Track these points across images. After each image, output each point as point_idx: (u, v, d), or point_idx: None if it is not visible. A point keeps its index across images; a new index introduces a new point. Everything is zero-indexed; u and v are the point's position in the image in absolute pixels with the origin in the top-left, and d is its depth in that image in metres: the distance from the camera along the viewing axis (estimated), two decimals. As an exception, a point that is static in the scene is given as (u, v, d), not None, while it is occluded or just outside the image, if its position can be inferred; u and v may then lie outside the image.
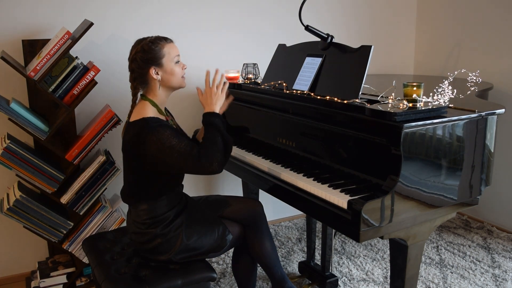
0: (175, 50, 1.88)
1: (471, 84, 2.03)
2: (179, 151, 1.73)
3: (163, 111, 1.92)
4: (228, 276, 2.70)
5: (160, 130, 1.74)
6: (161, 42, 1.86)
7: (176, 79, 1.89)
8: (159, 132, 1.73)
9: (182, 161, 1.73)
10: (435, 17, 3.66)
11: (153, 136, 1.73)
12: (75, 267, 2.62)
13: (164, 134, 1.73)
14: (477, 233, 3.24)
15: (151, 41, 1.85)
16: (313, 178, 1.89)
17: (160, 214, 1.86)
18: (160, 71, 1.85)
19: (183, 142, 1.75)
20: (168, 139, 1.73)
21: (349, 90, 1.94)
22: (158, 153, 1.74)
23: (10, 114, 2.28)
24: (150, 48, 1.83)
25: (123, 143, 1.86)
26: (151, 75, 1.84)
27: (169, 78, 1.87)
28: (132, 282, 1.76)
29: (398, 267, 1.83)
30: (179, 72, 1.89)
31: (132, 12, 2.80)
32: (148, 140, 1.73)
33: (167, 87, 1.89)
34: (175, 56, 1.87)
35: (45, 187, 2.41)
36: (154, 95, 1.88)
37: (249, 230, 2.05)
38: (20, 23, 2.54)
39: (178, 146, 1.73)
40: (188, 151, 1.73)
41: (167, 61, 1.85)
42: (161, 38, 1.88)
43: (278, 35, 3.23)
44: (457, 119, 1.74)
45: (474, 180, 1.86)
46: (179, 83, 1.91)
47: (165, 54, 1.84)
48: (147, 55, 1.83)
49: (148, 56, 1.83)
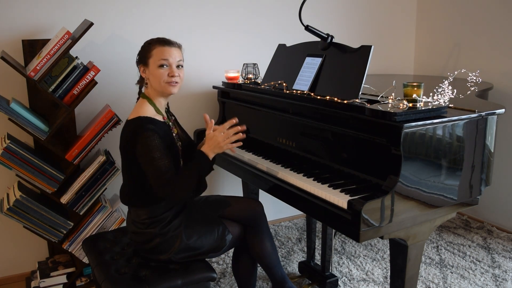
0: (165, 54, 1.84)
1: (471, 84, 2.03)
2: (155, 166, 1.72)
3: (161, 110, 1.91)
4: (228, 276, 2.70)
5: (151, 136, 1.73)
6: (155, 43, 1.86)
7: (157, 82, 1.84)
8: (149, 138, 1.73)
9: (151, 176, 1.74)
10: (435, 17, 3.66)
11: (142, 138, 1.73)
12: (75, 267, 2.62)
13: (153, 142, 1.73)
14: (477, 233, 3.24)
15: (149, 41, 1.90)
16: (313, 178, 1.89)
17: (159, 214, 1.86)
18: (147, 70, 1.87)
19: (164, 160, 1.73)
20: (153, 148, 1.72)
21: (349, 90, 1.94)
22: (140, 156, 1.76)
23: (10, 114, 2.28)
24: (144, 46, 1.90)
25: (120, 142, 1.87)
26: (141, 73, 1.91)
27: (152, 79, 1.86)
28: (132, 282, 1.76)
29: (398, 267, 1.83)
30: (159, 76, 1.83)
31: (132, 12, 2.80)
32: (138, 139, 1.74)
33: (153, 88, 1.89)
34: (160, 60, 1.83)
35: (45, 187, 2.41)
36: (150, 94, 1.90)
37: (249, 230, 2.05)
38: (20, 23, 2.54)
39: (157, 161, 1.72)
40: (163, 172, 1.72)
41: (152, 62, 1.85)
42: (160, 40, 1.88)
43: (278, 35, 3.23)
44: (457, 119, 1.74)
45: (474, 180, 1.86)
46: (162, 88, 1.85)
47: (153, 55, 1.85)
48: (140, 53, 1.90)
49: (140, 54, 1.90)
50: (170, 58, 1.85)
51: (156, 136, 1.74)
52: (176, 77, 1.86)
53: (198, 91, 3.06)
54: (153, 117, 1.82)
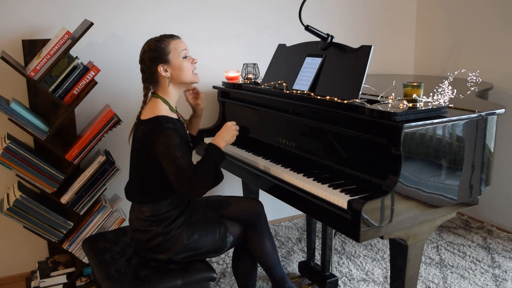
0: (181, 45, 1.88)
1: (471, 84, 2.03)
2: (178, 165, 1.73)
3: (174, 108, 1.92)
4: (228, 276, 2.70)
5: (172, 135, 1.74)
6: (166, 39, 1.86)
7: (186, 74, 1.88)
8: (170, 137, 1.74)
9: (173, 174, 1.74)
10: (435, 17, 3.66)
11: (163, 137, 1.74)
12: (75, 267, 2.62)
13: (174, 141, 1.74)
14: (477, 233, 3.24)
15: (157, 39, 1.87)
16: (313, 178, 1.89)
17: (163, 213, 1.87)
18: (169, 68, 1.85)
19: (185, 158, 1.75)
20: (174, 147, 1.73)
21: (349, 90, 1.94)
22: (161, 155, 1.75)
23: (10, 114, 2.28)
24: (156, 46, 1.85)
25: (133, 141, 1.87)
26: (160, 73, 1.85)
27: (179, 74, 1.86)
28: (132, 282, 1.76)
29: (398, 267, 1.83)
30: (188, 67, 1.88)
31: (132, 12, 2.80)
32: (159, 139, 1.74)
33: (178, 83, 1.89)
34: (182, 51, 1.87)
35: (45, 187, 2.41)
36: (165, 92, 1.89)
37: (249, 230, 2.06)
38: (20, 23, 2.54)
39: (179, 159, 1.73)
40: (185, 169, 1.73)
41: (174, 57, 1.85)
42: (167, 35, 1.89)
43: (278, 35, 3.23)
44: (457, 119, 1.74)
45: (474, 180, 1.86)
46: (190, 79, 1.90)
47: (171, 50, 1.85)
48: (154, 53, 1.84)
49: (155, 54, 1.84)
50: (187, 48, 1.90)
51: (177, 134, 1.76)
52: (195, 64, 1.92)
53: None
54: (169, 115, 1.83)
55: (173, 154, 1.73)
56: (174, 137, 1.74)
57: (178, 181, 1.74)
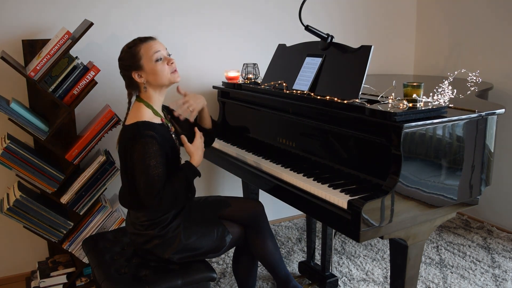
0: (153, 48, 1.80)
1: (471, 84, 2.03)
2: (148, 174, 1.70)
3: (158, 112, 1.88)
4: (228, 276, 2.70)
5: (148, 143, 1.70)
6: (139, 44, 1.80)
7: (161, 77, 1.81)
8: (147, 145, 1.70)
9: (143, 183, 1.71)
10: (435, 17, 3.66)
11: (140, 145, 1.71)
12: (75, 267, 2.62)
13: (150, 149, 1.70)
14: (477, 233, 3.24)
15: (129, 45, 1.83)
16: (313, 178, 1.89)
17: (157, 217, 1.85)
18: (143, 73, 1.80)
19: (159, 168, 1.71)
20: (149, 156, 1.70)
21: (349, 90, 1.94)
22: (136, 163, 1.72)
23: (10, 114, 2.28)
24: (126, 53, 1.82)
25: (119, 148, 1.84)
26: (136, 79, 1.82)
27: (154, 78, 1.81)
28: (132, 282, 1.76)
29: (398, 267, 1.83)
30: (162, 69, 1.80)
31: (132, 12, 2.80)
32: (135, 147, 1.71)
33: (156, 86, 1.84)
34: (154, 54, 1.79)
35: (45, 187, 2.41)
36: (147, 96, 1.85)
37: (250, 230, 2.05)
38: (20, 23, 2.54)
39: (152, 169, 1.70)
40: (155, 180, 1.70)
41: (146, 62, 1.79)
42: (140, 39, 1.83)
43: (278, 35, 3.23)
44: (457, 119, 1.74)
45: (474, 180, 1.86)
46: (168, 80, 1.83)
47: (143, 55, 1.79)
48: (126, 62, 1.81)
49: (127, 63, 1.81)
50: (160, 49, 1.81)
51: (155, 142, 1.72)
52: (174, 63, 1.84)
53: (198, 91, 3.05)
54: (151, 120, 1.80)
55: (147, 162, 1.69)
56: (151, 145, 1.70)
57: (145, 192, 1.72)
